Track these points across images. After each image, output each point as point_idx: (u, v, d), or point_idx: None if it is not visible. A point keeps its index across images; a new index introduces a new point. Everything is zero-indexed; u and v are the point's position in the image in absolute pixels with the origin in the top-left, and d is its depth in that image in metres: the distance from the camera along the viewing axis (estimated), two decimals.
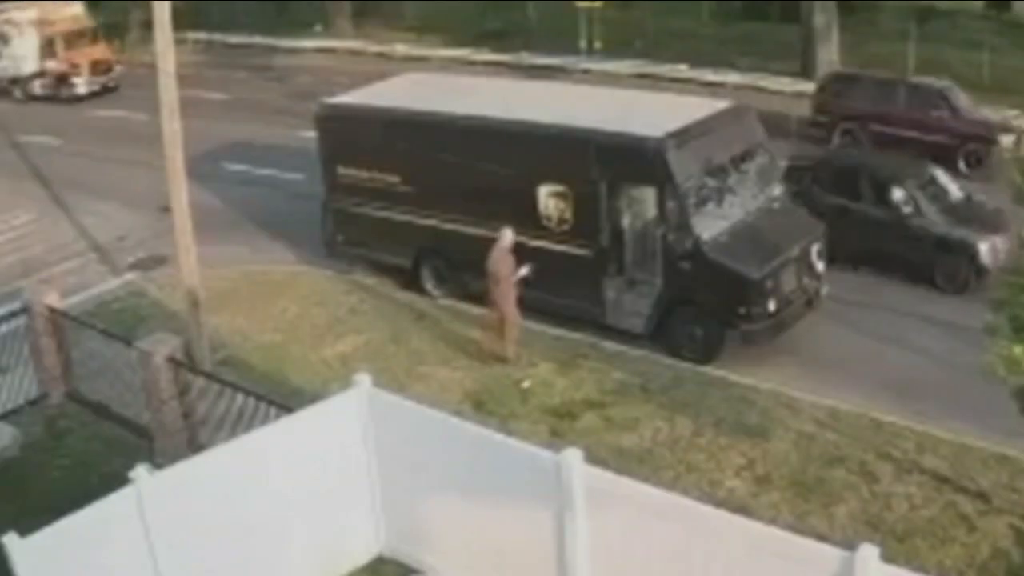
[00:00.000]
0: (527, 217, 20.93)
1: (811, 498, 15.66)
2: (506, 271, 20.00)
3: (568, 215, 20.69)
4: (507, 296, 20.11)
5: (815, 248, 20.75)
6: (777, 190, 21.36)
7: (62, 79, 45.55)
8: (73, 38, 46.95)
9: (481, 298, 21.57)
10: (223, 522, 12.76)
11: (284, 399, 15.28)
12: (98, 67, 46.41)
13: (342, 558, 14.22)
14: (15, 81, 47.09)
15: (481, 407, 18.54)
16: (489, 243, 20.69)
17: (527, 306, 21.17)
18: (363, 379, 13.82)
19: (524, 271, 20.26)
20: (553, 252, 20.73)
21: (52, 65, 46.23)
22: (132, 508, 12.16)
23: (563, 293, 20.44)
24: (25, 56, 46.69)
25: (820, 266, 20.81)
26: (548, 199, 20.83)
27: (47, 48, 46.29)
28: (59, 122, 40.86)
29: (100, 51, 47.70)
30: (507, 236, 20.08)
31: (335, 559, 14.12)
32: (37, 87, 46.50)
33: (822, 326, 20.92)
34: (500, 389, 19.21)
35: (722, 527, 11.22)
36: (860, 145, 30.81)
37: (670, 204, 19.72)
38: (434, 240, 22.81)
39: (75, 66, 45.98)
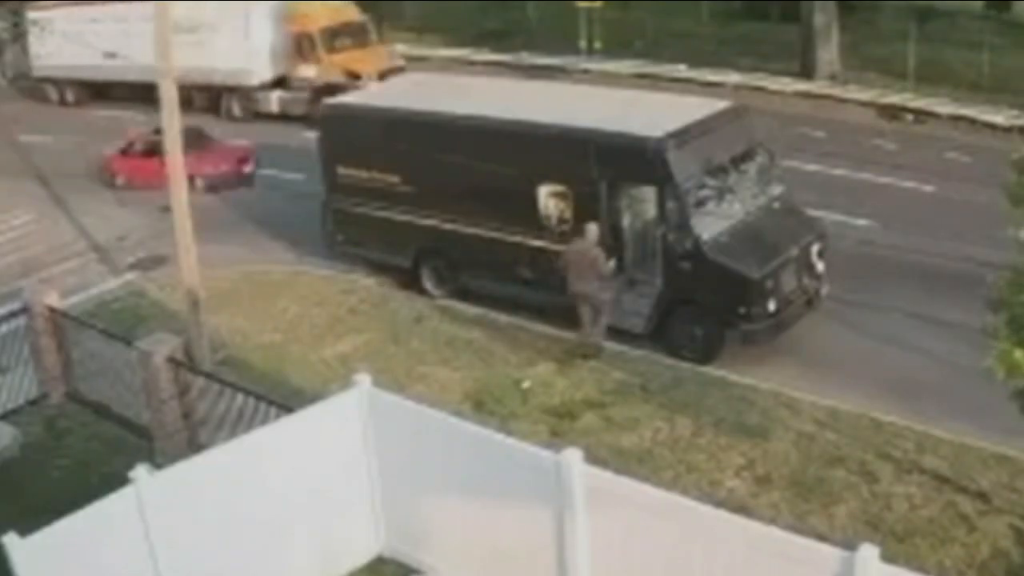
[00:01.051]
0: (527, 217, 20.98)
1: (811, 498, 15.59)
2: (604, 264, 19.75)
3: (568, 215, 20.65)
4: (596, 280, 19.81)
5: (815, 248, 20.74)
6: (777, 190, 21.32)
7: (330, 93, 30.55)
8: (337, 37, 36.74)
9: (480, 297, 22.10)
10: (223, 522, 12.75)
11: (284, 399, 15.23)
12: (387, 79, 33.29)
13: (342, 558, 14.19)
14: (232, 89, 36.84)
15: (481, 407, 18.44)
16: (489, 243, 21.10)
17: (527, 306, 21.51)
18: (363, 379, 13.80)
19: (613, 264, 20.09)
20: (553, 252, 20.63)
21: (309, 74, 35.92)
22: (132, 508, 12.14)
23: (563, 293, 20.23)
24: (248, 57, 36.89)
25: (820, 266, 20.78)
26: (548, 199, 20.83)
27: (300, 50, 36.53)
28: (57, 121, 40.65)
29: (384, 56, 36.99)
30: (594, 230, 19.72)
31: (335, 559, 14.10)
32: (275, 102, 36.96)
33: (822, 326, 20.91)
34: (500, 389, 19.09)
35: (722, 527, 11.22)
36: None
37: (670, 204, 19.72)
38: (434, 240, 22.80)
39: (354, 76, 34.83)
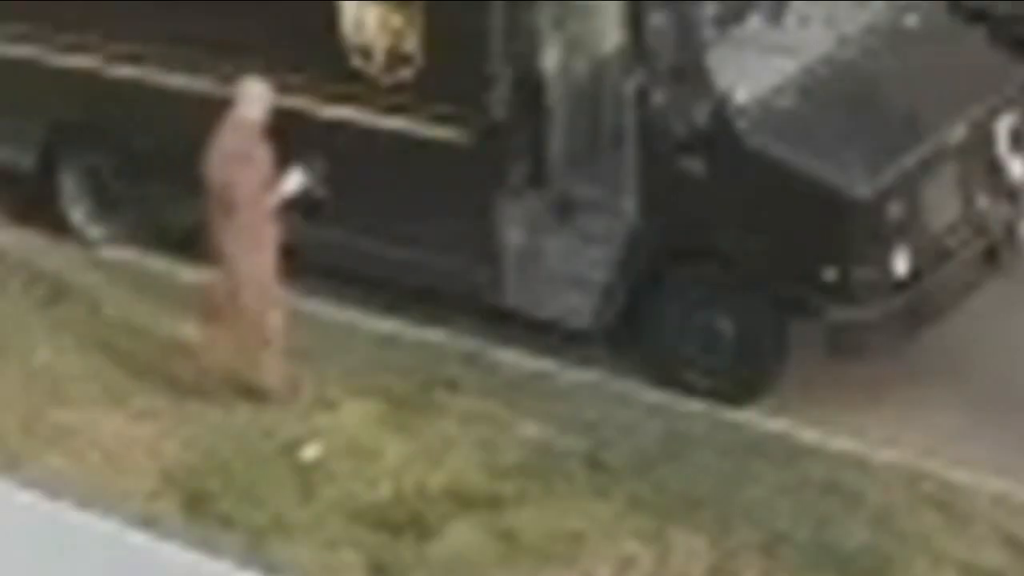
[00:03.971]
0: (315, 50, 12.86)
1: None
2: (249, 183, 11.63)
3: (412, 46, 12.53)
4: (254, 242, 11.73)
5: (1006, 124, 11.42)
6: None
7: None
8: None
9: (194, 243, 13.03)
10: None
11: None
12: None
13: None
14: None
15: (201, 506, 10.85)
16: (211, 112, 12.26)
17: (320, 266, 13.15)
18: None
19: (296, 181, 11.96)
20: (378, 134, 12.58)
21: None
22: None
23: (404, 233, 12.46)
24: None
25: (1019, 168, 11.41)
26: (364, 11, 12.65)
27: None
28: None
29: None
30: (254, 96, 11.75)
31: None
32: None
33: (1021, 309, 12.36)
34: (249, 463, 11.31)
35: None
36: None
37: (656, 20, 11.35)
38: (88, 108, 14.31)
39: None
